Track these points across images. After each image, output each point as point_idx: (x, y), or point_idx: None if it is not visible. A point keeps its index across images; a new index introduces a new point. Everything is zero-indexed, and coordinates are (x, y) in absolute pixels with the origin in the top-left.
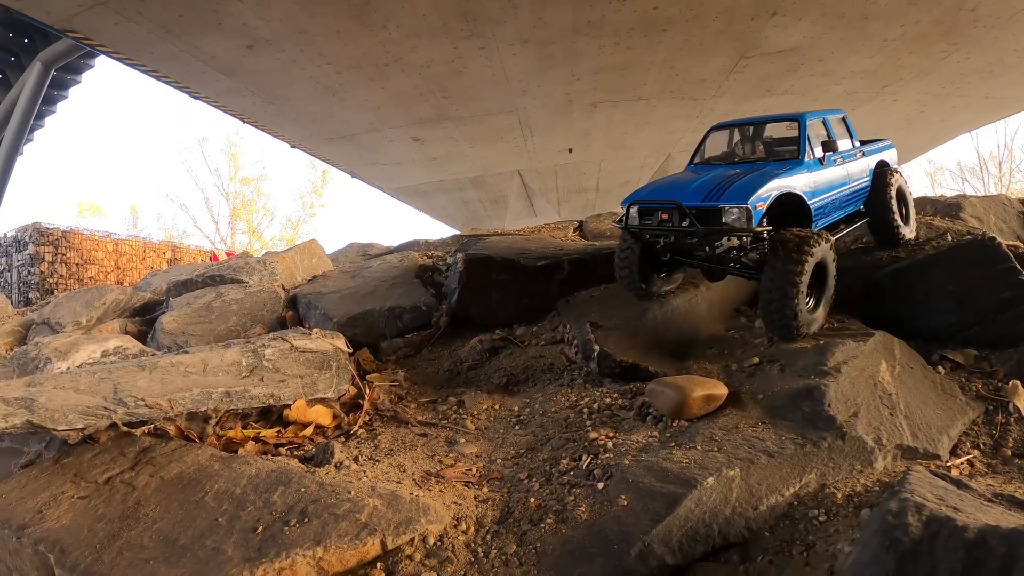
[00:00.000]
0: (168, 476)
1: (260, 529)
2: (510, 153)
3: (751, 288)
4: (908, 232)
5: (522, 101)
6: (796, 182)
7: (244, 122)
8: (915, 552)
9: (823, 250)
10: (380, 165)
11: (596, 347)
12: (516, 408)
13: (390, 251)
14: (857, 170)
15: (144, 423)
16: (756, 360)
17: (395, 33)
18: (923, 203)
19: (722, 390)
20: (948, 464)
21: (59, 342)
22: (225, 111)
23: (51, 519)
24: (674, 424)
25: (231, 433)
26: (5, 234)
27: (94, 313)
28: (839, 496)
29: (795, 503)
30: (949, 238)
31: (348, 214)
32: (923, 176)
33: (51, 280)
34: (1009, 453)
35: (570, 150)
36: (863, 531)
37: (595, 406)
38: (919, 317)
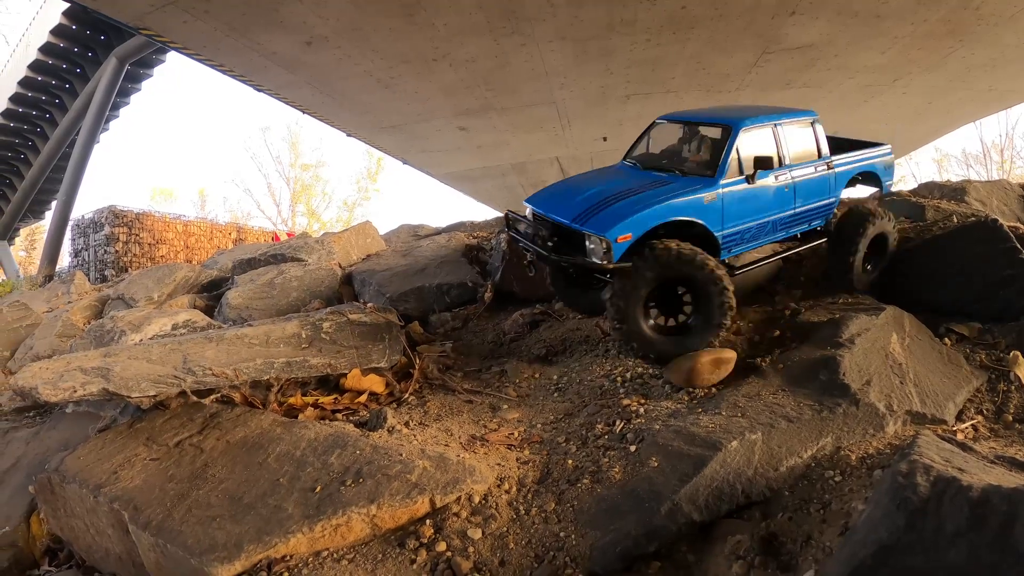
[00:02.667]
0: (233, 440)
1: (318, 488)
2: (549, 141)
3: (773, 265)
4: (862, 284)
5: (560, 93)
6: (693, 206)
7: (303, 113)
8: (923, 510)
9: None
10: (429, 152)
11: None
12: (555, 377)
13: (438, 232)
14: (814, 186)
15: (211, 391)
16: (777, 332)
17: (443, 30)
18: (931, 187)
19: (729, 354)
20: (954, 429)
21: (133, 316)
22: (286, 102)
23: (125, 479)
24: (701, 392)
25: (292, 400)
26: (83, 216)
27: (165, 289)
28: (853, 458)
29: (812, 464)
30: (955, 220)
31: (400, 197)
32: (930, 163)
33: (125, 259)
34: (1010, 418)
35: (604, 138)
36: (875, 490)
37: (627, 375)
38: (927, 292)
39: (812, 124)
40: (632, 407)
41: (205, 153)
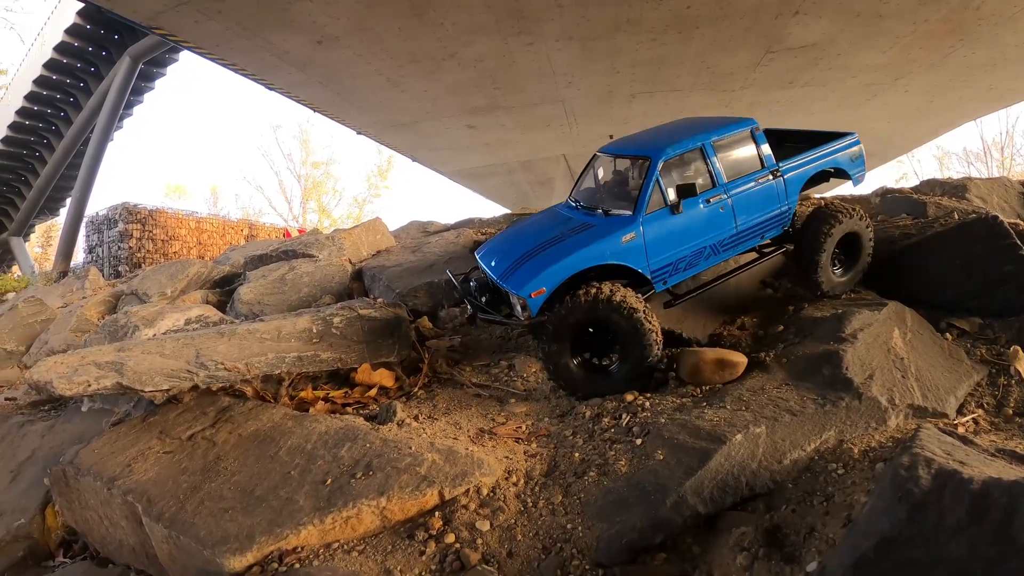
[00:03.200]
0: (245, 433)
1: (329, 481)
2: (556, 139)
3: (777, 261)
4: (832, 286)
5: (567, 92)
6: (609, 250)
7: (314, 111)
8: (925, 502)
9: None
10: (438, 150)
11: None
12: None
13: (447, 228)
14: (758, 200)
15: (223, 385)
16: (780, 327)
17: (451, 30)
18: (932, 185)
19: (738, 357)
20: (955, 422)
21: (146, 311)
22: (297, 101)
23: (139, 472)
24: (706, 387)
25: (303, 394)
26: (97, 213)
27: (178, 285)
28: (856, 451)
29: (816, 457)
30: (956, 216)
31: (410, 194)
32: (932, 160)
33: (139, 255)
34: (1010, 412)
35: (611, 137)
36: (878, 483)
37: None
38: (929, 288)
39: (752, 134)
40: (638, 401)
41: (217, 151)
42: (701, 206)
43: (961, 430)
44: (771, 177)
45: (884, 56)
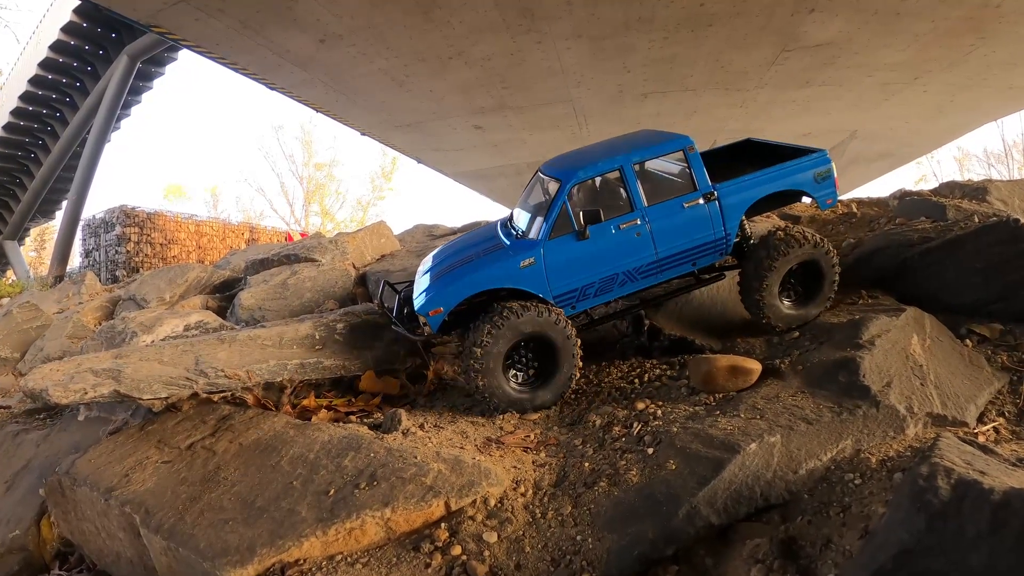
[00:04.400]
0: (246, 442)
1: (332, 492)
2: (565, 140)
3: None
4: (780, 319)
5: (576, 91)
6: (506, 274)
7: (317, 111)
8: (944, 513)
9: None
10: (444, 151)
11: (647, 321)
12: None
13: (454, 232)
14: (683, 226)
15: (224, 392)
16: (796, 334)
17: (458, 28)
18: (952, 187)
19: (752, 364)
20: (975, 431)
21: (144, 316)
22: (299, 101)
23: (137, 482)
24: (719, 395)
25: (305, 402)
26: (94, 216)
27: (177, 290)
28: (873, 461)
29: (832, 467)
30: (976, 220)
31: (415, 197)
32: (951, 161)
33: (137, 259)
34: None
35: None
36: (896, 493)
37: (645, 377)
38: (948, 293)
39: (685, 154)
40: (650, 409)
41: (217, 152)
42: (613, 231)
43: (981, 439)
44: (702, 201)
45: (902, 54)
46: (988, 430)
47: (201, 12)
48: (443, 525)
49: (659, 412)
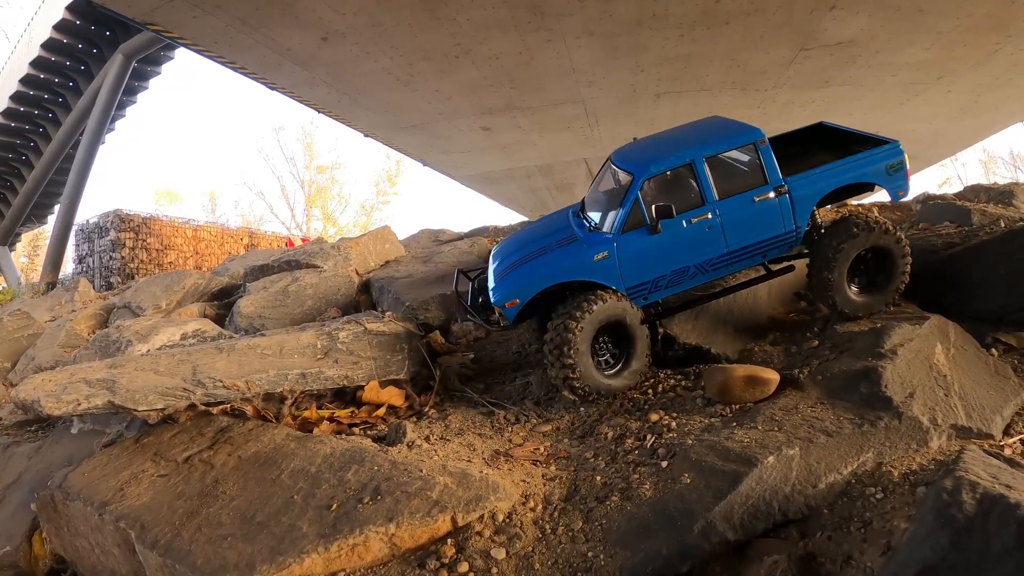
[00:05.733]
0: (245, 455)
1: (334, 506)
2: (577, 142)
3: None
4: (851, 306)
5: (588, 91)
6: (581, 267)
7: (319, 112)
8: (969, 528)
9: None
10: (450, 153)
11: (661, 330)
12: None
13: (461, 237)
14: (754, 220)
15: (222, 404)
16: (815, 343)
17: (465, 26)
18: (977, 190)
19: (770, 374)
20: (1001, 443)
21: (140, 325)
22: (300, 101)
23: (132, 496)
24: (736, 406)
25: (306, 413)
26: (87, 221)
27: (173, 297)
28: (895, 474)
29: (853, 481)
30: (1002, 224)
31: (420, 201)
32: (977, 164)
33: (132, 265)
34: None
35: (635, 139)
36: (919, 508)
37: (659, 387)
38: (972, 300)
39: (756, 146)
40: (664, 421)
41: (216, 154)
42: (684, 224)
43: (1008, 452)
44: (773, 195)
45: (926, 53)
46: (1015, 443)
47: (198, 9)
48: (449, 541)
49: (673, 424)
